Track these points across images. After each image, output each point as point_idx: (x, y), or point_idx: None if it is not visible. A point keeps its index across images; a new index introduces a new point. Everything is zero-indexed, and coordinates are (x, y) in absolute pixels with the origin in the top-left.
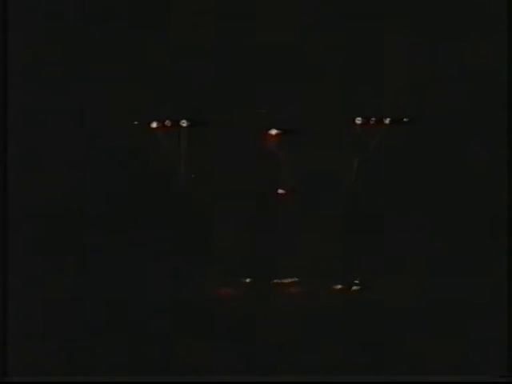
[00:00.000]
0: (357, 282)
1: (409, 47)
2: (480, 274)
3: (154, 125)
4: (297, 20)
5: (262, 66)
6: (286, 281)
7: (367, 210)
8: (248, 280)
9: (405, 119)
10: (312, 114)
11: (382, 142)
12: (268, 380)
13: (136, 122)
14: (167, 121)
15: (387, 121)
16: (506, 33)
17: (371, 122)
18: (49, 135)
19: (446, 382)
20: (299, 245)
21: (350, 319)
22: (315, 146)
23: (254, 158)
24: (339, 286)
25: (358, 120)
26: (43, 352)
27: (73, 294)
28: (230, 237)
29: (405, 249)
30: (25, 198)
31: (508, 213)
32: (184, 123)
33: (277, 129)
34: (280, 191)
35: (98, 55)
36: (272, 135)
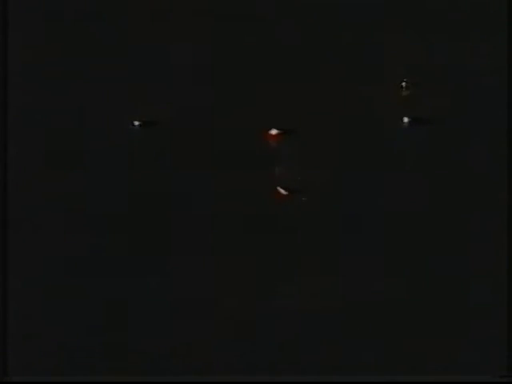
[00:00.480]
0: None
1: None
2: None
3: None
4: None
5: None
6: None
7: None
8: None
9: None
10: None
11: None
12: (268, 380)
13: None
14: None
15: None
16: (505, 33)
17: None
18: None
19: (446, 382)
20: None
21: None
22: None
23: None
24: None
25: None
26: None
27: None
28: None
29: None
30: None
31: (508, 213)
32: None
33: None
34: None
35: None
36: None
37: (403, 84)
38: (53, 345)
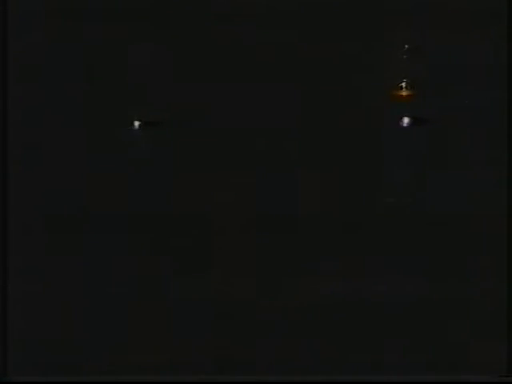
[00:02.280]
0: None
1: None
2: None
3: None
4: None
5: None
6: None
7: None
8: None
9: None
10: None
11: None
12: (268, 380)
13: None
14: None
15: None
16: (505, 32)
17: None
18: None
19: (446, 382)
20: None
21: None
22: None
23: None
24: None
25: None
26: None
27: None
28: None
29: None
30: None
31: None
32: None
33: None
34: None
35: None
36: None
37: (403, 84)
38: (53, 345)
